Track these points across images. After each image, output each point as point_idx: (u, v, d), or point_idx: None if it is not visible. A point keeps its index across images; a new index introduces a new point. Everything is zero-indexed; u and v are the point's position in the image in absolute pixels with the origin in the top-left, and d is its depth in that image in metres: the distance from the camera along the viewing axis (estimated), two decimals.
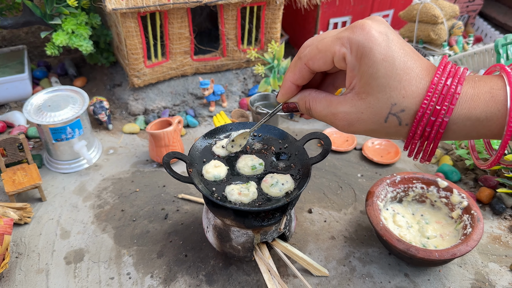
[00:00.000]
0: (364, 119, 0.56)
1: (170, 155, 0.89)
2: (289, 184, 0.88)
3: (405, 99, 0.53)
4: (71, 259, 1.06)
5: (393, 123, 0.54)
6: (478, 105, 0.52)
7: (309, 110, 0.64)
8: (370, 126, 0.56)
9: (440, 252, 0.93)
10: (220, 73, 1.69)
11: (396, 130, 0.55)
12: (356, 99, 0.56)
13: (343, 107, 0.57)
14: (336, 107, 0.58)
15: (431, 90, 0.52)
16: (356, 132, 0.59)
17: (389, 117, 0.54)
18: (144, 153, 1.42)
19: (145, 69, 1.51)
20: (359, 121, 0.56)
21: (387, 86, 0.53)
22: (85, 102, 1.30)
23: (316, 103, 0.62)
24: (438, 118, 0.52)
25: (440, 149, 1.40)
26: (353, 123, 0.57)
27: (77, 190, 1.27)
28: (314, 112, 0.63)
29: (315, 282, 1.01)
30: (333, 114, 0.59)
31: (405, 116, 0.54)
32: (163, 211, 1.20)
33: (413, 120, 0.53)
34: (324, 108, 0.60)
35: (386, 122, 0.55)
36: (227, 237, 0.94)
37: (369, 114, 0.55)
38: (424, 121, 0.53)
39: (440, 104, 0.52)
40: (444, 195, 1.10)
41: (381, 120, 0.55)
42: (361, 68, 0.54)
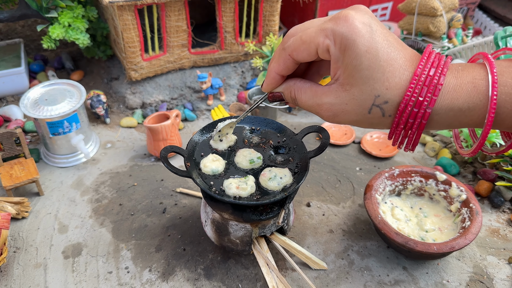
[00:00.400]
0: (348, 110, 0.57)
1: (168, 149, 0.88)
2: (287, 178, 0.88)
3: (388, 91, 0.54)
4: (69, 253, 1.06)
5: (376, 114, 0.55)
6: (460, 95, 0.53)
7: (294, 100, 0.64)
8: (354, 117, 0.57)
9: (438, 245, 0.93)
10: (218, 66, 1.68)
11: (379, 121, 0.56)
12: (340, 90, 0.57)
13: (328, 98, 0.58)
14: (321, 98, 0.59)
15: (414, 81, 0.53)
16: (341, 122, 0.60)
17: (373, 109, 0.55)
18: (142, 147, 1.42)
19: (143, 63, 1.50)
20: (344, 112, 0.57)
21: (370, 78, 0.54)
22: (82, 96, 1.29)
23: (302, 93, 0.62)
24: (420, 109, 0.53)
25: (439, 142, 1.40)
26: (338, 114, 0.58)
27: (75, 184, 1.27)
28: (299, 102, 0.63)
29: (313, 276, 1.01)
30: (318, 104, 0.60)
31: (389, 107, 0.54)
32: (161, 205, 1.20)
33: (396, 111, 0.54)
34: (309, 98, 0.61)
35: (370, 113, 0.55)
36: (225, 231, 0.94)
37: (353, 106, 0.56)
38: (407, 112, 0.53)
39: (423, 96, 0.53)
40: (443, 188, 1.10)
41: (365, 111, 0.56)
42: (344, 60, 0.54)
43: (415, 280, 1.00)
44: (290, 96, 0.64)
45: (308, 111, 0.65)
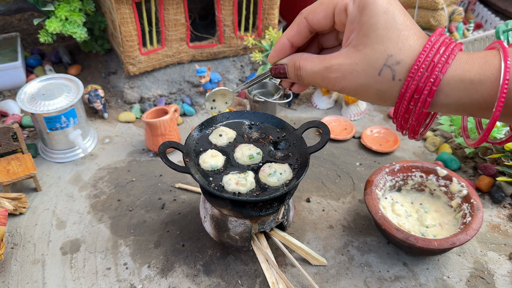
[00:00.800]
0: (358, 71, 0.55)
1: (166, 144, 0.87)
2: (287, 174, 0.87)
3: (401, 52, 0.53)
4: (67, 249, 1.05)
5: (386, 76, 0.54)
6: (472, 67, 0.52)
7: (298, 70, 0.62)
8: (363, 80, 0.55)
9: (439, 241, 0.92)
10: (217, 60, 1.67)
11: (388, 87, 0.54)
12: (352, 52, 0.56)
13: (337, 60, 0.57)
14: (329, 61, 0.58)
15: (428, 46, 0.53)
16: (347, 88, 0.57)
17: (384, 70, 0.54)
18: (140, 142, 1.41)
19: (141, 57, 1.49)
20: (353, 73, 0.55)
21: (385, 37, 0.53)
22: (79, 90, 1.28)
23: (307, 62, 0.61)
24: (432, 74, 0.52)
25: (440, 137, 1.39)
26: (346, 75, 0.56)
27: (73, 179, 1.26)
28: (304, 71, 0.61)
29: (313, 272, 1.00)
30: (325, 67, 0.58)
31: (400, 69, 0.53)
32: (160, 200, 1.19)
33: (407, 75, 0.53)
34: (316, 64, 0.59)
35: (380, 75, 0.54)
36: (225, 227, 0.94)
37: (363, 66, 0.55)
38: (418, 76, 0.52)
39: (436, 60, 0.52)
40: (444, 183, 1.09)
41: (375, 72, 0.54)
42: (361, 19, 0.54)
43: (416, 276, 1.00)
44: (294, 67, 0.62)
45: (312, 83, 0.61)
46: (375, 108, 1.57)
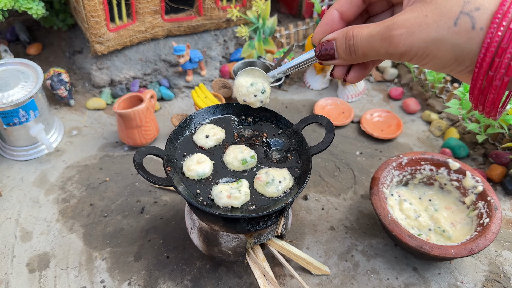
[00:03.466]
0: (429, 23, 0.46)
1: (143, 152, 0.76)
2: (287, 182, 0.77)
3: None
4: (34, 266, 0.95)
5: (464, 26, 0.44)
6: None
7: (350, 39, 0.53)
8: (435, 33, 0.46)
9: (456, 248, 0.85)
10: (196, 35, 1.52)
11: (467, 39, 0.45)
12: (419, 5, 0.47)
13: (402, 16, 0.48)
14: (392, 19, 0.49)
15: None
16: (415, 46, 0.47)
17: (461, 18, 0.44)
18: (113, 133, 1.28)
19: (109, 34, 1.34)
20: (422, 27, 0.46)
21: None
22: (39, 78, 1.14)
23: (363, 28, 0.52)
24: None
25: (446, 120, 1.31)
26: (414, 30, 0.47)
27: (38, 181, 1.13)
28: (359, 38, 0.52)
29: (315, 282, 0.93)
30: (387, 26, 0.49)
31: (481, 16, 0.44)
32: (138, 203, 1.08)
33: (491, 22, 0.43)
34: (375, 27, 0.50)
35: (456, 25, 0.45)
36: (215, 242, 0.84)
37: (435, 16, 0.46)
38: (505, 21, 0.43)
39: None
40: (456, 178, 1.01)
41: (450, 22, 0.45)
42: None
43: (427, 282, 0.93)
44: (346, 37, 0.53)
45: (367, 51, 0.52)
46: (374, 88, 1.47)
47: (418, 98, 1.39)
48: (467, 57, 0.46)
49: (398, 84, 1.47)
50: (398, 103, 1.41)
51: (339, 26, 0.56)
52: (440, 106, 1.34)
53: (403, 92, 1.42)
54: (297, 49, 1.61)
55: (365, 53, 0.53)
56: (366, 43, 0.51)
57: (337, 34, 0.55)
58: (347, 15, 0.56)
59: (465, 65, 0.47)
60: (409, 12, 0.47)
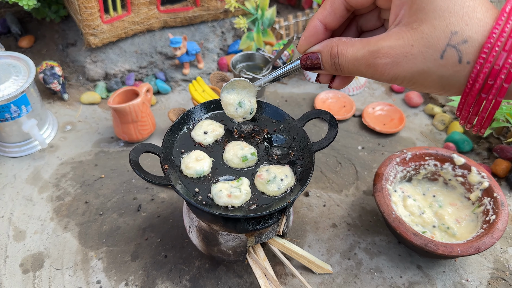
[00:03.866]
0: (415, 55, 0.45)
1: (139, 149, 0.73)
2: (289, 179, 0.75)
3: (468, 27, 0.43)
4: (28, 266, 0.92)
5: (451, 59, 0.44)
6: None
7: (335, 57, 0.52)
8: (421, 65, 0.45)
9: (463, 247, 0.83)
10: (193, 26, 1.49)
11: (453, 72, 0.44)
12: (404, 31, 0.45)
13: (386, 42, 0.46)
14: (376, 44, 0.47)
15: (503, 18, 0.42)
16: (401, 76, 0.47)
17: (447, 51, 0.44)
18: (108, 128, 1.25)
19: (103, 26, 1.30)
20: (407, 58, 0.45)
21: (446, 10, 0.43)
22: (31, 72, 1.10)
23: (347, 46, 0.50)
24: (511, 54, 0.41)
25: (449, 114, 1.28)
26: (399, 60, 0.46)
27: (31, 178, 1.11)
28: (343, 58, 0.51)
29: (317, 282, 0.91)
30: (371, 52, 0.47)
31: (468, 49, 0.43)
32: (135, 201, 1.06)
33: (478, 56, 0.43)
34: (359, 49, 0.49)
35: (443, 58, 0.44)
36: (215, 241, 0.82)
37: (421, 47, 0.45)
38: (492, 56, 0.42)
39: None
40: (461, 173, 0.99)
41: (436, 55, 0.44)
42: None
43: (432, 281, 0.92)
44: (331, 54, 0.52)
45: (353, 72, 0.52)
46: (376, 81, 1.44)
47: None
48: (454, 86, 0.46)
49: None
50: (401, 96, 1.38)
51: (323, 36, 0.55)
52: (444, 99, 1.31)
53: None
54: (297, 41, 1.57)
55: (350, 72, 0.52)
56: (351, 65, 0.50)
57: (322, 47, 0.54)
58: (331, 25, 0.54)
59: (452, 92, 0.47)
60: (395, 39, 0.46)
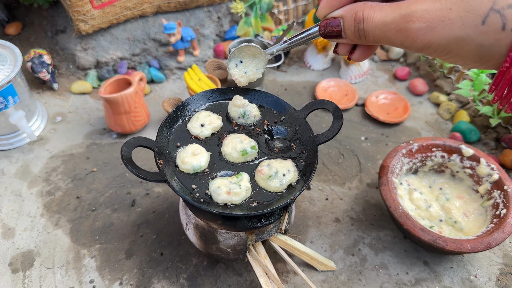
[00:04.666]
0: (453, 19, 0.41)
1: (131, 144, 0.69)
2: (292, 174, 0.71)
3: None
4: (18, 265, 0.89)
5: (493, 25, 0.40)
6: None
7: (360, 22, 0.47)
8: (459, 31, 0.41)
9: (472, 242, 0.80)
10: (188, 11, 1.44)
11: (495, 40, 0.40)
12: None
13: (421, 5, 0.42)
14: (409, 7, 0.43)
15: None
16: (435, 43, 0.42)
17: (490, 16, 0.40)
18: (100, 119, 1.21)
19: (93, 11, 1.25)
20: (444, 23, 0.41)
21: None
22: (17, 60, 1.06)
23: (375, 10, 0.46)
24: None
25: (455, 102, 1.25)
26: (435, 25, 0.41)
27: (20, 172, 1.07)
28: (370, 23, 0.46)
29: (320, 279, 0.88)
30: (404, 16, 0.43)
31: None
32: (129, 196, 1.02)
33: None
34: (389, 13, 0.44)
35: (484, 24, 0.40)
36: (213, 239, 0.78)
37: (460, 11, 0.40)
38: None
39: None
40: (469, 165, 0.96)
41: (478, 20, 0.40)
42: None
43: (439, 277, 0.89)
44: (355, 19, 0.47)
45: (379, 40, 0.47)
46: (379, 67, 1.40)
47: (425, 78, 1.33)
48: (492, 57, 0.42)
49: (404, 64, 1.40)
50: (405, 84, 1.34)
51: (347, 0, 0.50)
52: (449, 87, 1.27)
53: (410, 72, 1.36)
54: (296, 26, 1.53)
55: (376, 40, 0.47)
56: (379, 31, 0.46)
57: (345, 12, 0.49)
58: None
59: (489, 64, 0.43)
60: (430, 1, 0.42)
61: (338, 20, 0.49)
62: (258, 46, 0.69)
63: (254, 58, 0.70)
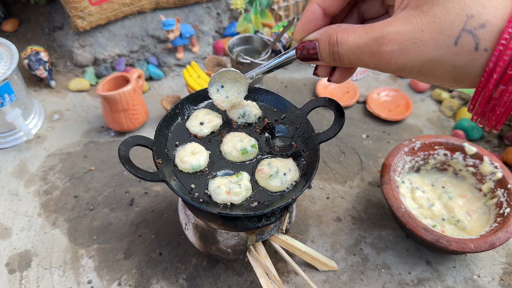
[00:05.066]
0: (425, 41, 0.40)
1: (129, 143, 0.68)
2: (293, 174, 0.70)
3: (486, 10, 0.39)
4: (15, 265, 0.88)
5: (466, 46, 0.39)
6: None
7: (334, 45, 0.47)
8: (432, 53, 0.40)
9: (476, 242, 0.79)
10: (186, 7, 1.42)
11: (469, 60, 0.40)
12: (413, 15, 0.41)
13: (393, 27, 0.42)
14: (381, 29, 0.42)
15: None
16: (409, 65, 0.42)
17: (462, 37, 0.39)
18: (98, 117, 1.20)
19: (91, 7, 1.24)
20: (417, 45, 0.40)
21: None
22: (13, 58, 1.04)
23: (349, 33, 0.45)
24: None
25: (457, 99, 1.23)
26: (407, 47, 0.41)
27: (17, 171, 1.06)
28: (344, 46, 0.46)
29: (321, 279, 0.87)
30: (376, 39, 0.42)
31: (486, 35, 0.39)
32: (127, 195, 1.01)
33: (497, 42, 0.38)
34: (362, 36, 0.44)
35: (457, 45, 0.39)
36: (213, 239, 0.77)
37: (432, 32, 0.40)
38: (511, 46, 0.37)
39: None
40: (472, 163, 0.95)
41: (450, 41, 0.39)
42: None
43: (442, 277, 0.88)
44: (329, 42, 0.47)
45: (354, 63, 0.47)
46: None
47: None
48: (467, 77, 0.41)
49: None
50: (406, 81, 1.33)
51: (322, 23, 0.50)
52: None
53: None
54: (297, 22, 1.51)
55: (351, 63, 0.47)
56: (353, 54, 0.45)
57: (320, 35, 0.49)
58: (331, 11, 0.49)
59: (465, 84, 0.42)
60: (402, 23, 0.41)
61: (313, 43, 0.50)
62: (238, 71, 0.69)
63: (235, 82, 0.71)
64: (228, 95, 0.72)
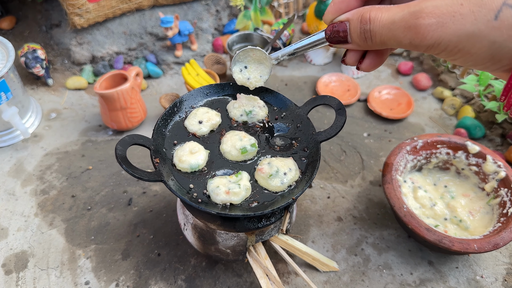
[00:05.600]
0: (464, 14, 0.39)
1: (126, 142, 0.67)
2: (293, 173, 0.69)
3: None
4: (11, 266, 0.87)
5: (506, 21, 0.38)
6: None
7: (366, 23, 0.45)
8: (470, 27, 0.39)
9: (479, 242, 0.78)
10: (185, 4, 1.41)
11: (508, 36, 0.38)
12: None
13: (431, 2, 0.40)
14: (419, 4, 0.41)
15: None
16: (445, 39, 0.40)
17: (503, 11, 0.38)
18: (96, 115, 1.19)
19: (88, 5, 1.23)
20: (455, 18, 0.39)
21: None
22: (10, 56, 1.03)
23: (382, 11, 0.44)
24: None
25: (460, 98, 1.22)
26: (446, 21, 0.39)
27: (13, 171, 1.05)
28: (377, 23, 0.44)
29: (322, 280, 0.86)
30: (413, 13, 0.41)
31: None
32: (125, 194, 1.00)
33: None
34: (397, 12, 0.42)
35: (497, 19, 0.38)
36: (212, 240, 0.76)
37: (472, 6, 0.39)
38: None
39: None
40: (475, 162, 0.94)
41: (490, 15, 0.38)
42: None
43: (444, 277, 0.87)
44: (361, 20, 0.46)
45: (386, 39, 0.45)
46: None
47: (429, 73, 1.31)
48: (505, 56, 0.39)
49: (407, 58, 1.38)
50: (408, 79, 1.32)
51: (355, 5, 0.48)
52: (454, 82, 1.25)
53: (413, 66, 1.33)
54: (297, 20, 1.50)
55: (383, 41, 0.45)
56: (386, 30, 0.43)
57: (352, 15, 0.47)
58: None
59: (502, 64, 0.40)
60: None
61: (344, 23, 0.48)
62: (263, 51, 0.67)
63: (259, 64, 0.69)
64: (250, 77, 0.70)
